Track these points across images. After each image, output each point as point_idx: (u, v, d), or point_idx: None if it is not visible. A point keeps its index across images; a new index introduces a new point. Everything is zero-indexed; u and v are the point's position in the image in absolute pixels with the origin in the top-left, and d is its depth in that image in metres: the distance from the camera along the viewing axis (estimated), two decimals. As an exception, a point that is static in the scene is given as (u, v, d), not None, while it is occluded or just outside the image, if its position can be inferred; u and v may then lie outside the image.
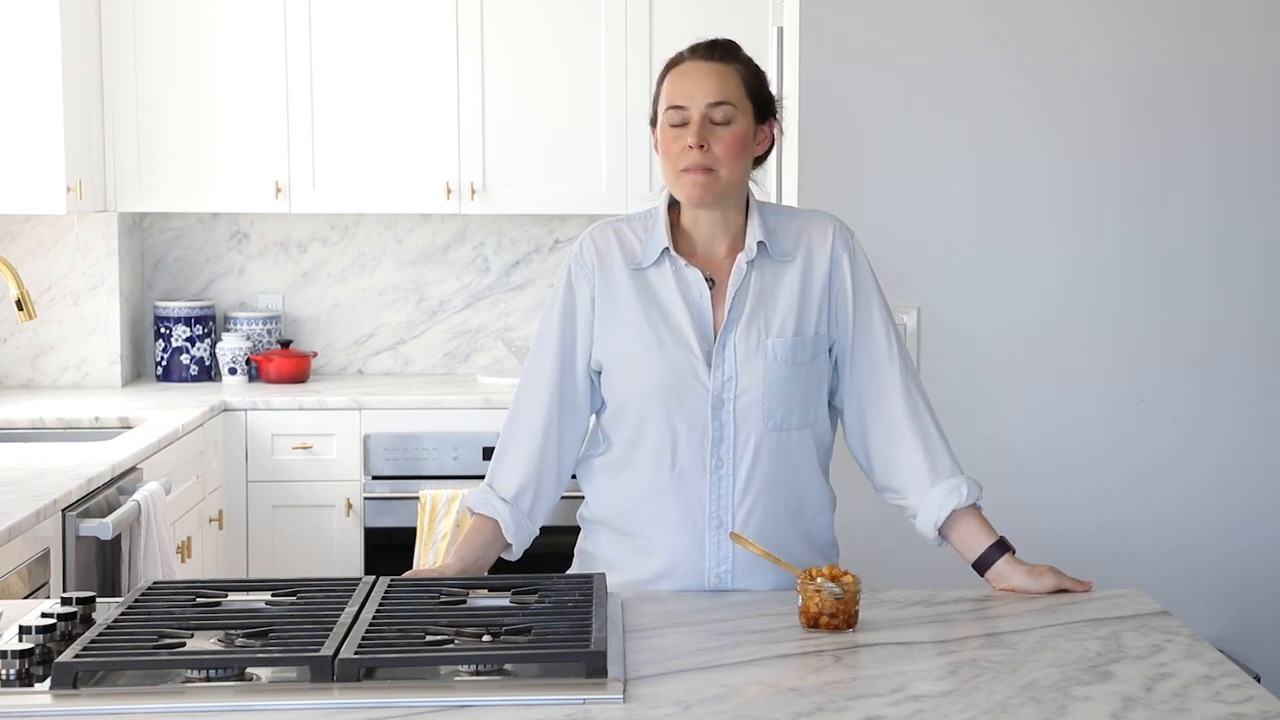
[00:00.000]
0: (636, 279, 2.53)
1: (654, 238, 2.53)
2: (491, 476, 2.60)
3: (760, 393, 2.49)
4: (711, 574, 2.52)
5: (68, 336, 5.21)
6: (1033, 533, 3.69)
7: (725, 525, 2.51)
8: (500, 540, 2.59)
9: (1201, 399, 3.79)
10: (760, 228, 2.52)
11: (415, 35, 5.09)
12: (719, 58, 2.49)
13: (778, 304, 2.51)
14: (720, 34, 2.60)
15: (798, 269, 2.53)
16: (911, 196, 3.74)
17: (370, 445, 4.88)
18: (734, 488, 2.50)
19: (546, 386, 2.57)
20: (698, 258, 2.54)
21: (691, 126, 2.44)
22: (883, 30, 3.71)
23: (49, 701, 1.91)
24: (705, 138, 2.44)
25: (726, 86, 2.46)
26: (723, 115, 2.45)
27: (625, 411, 2.54)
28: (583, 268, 2.56)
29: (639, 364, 2.50)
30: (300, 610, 2.20)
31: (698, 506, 2.51)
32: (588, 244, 2.57)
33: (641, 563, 2.54)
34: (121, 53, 5.04)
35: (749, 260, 2.51)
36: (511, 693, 1.93)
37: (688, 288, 2.51)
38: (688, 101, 2.45)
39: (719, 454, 2.50)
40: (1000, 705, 1.92)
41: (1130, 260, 3.77)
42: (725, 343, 2.49)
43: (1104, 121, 3.74)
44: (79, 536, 3.47)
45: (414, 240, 5.49)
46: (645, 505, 2.53)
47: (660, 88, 2.52)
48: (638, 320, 2.51)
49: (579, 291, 2.55)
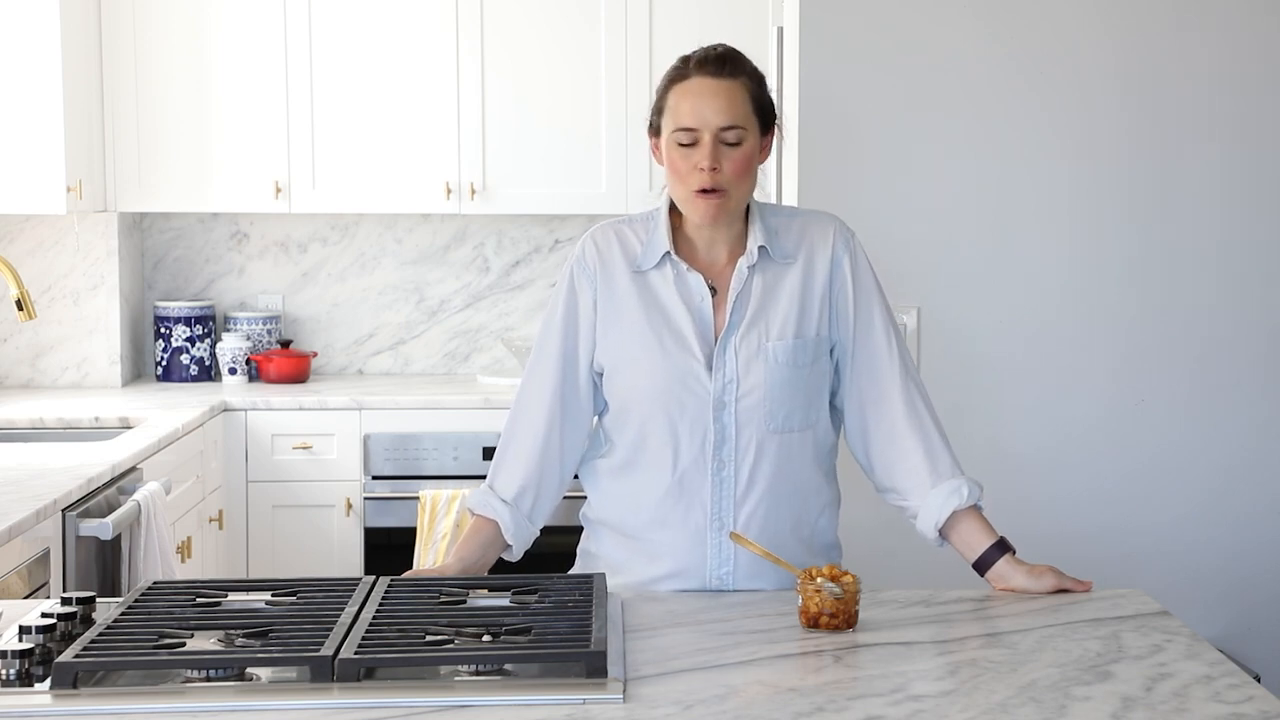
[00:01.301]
0: (638, 281, 2.53)
1: (655, 241, 2.53)
2: (492, 477, 2.60)
3: (762, 395, 2.49)
4: (713, 576, 2.52)
5: (68, 336, 5.21)
6: (1033, 533, 3.69)
7: (727, 527, 2.51)
8: (500, 541, 2.59)
9: (1201, 399, 3.79)
10: (761, 231, 2.52)
11: (415, 35, 5.08)
12: (728, 73, 2.46)
13: (779, 307, 2.51)
14: (720, 35, 2.59)
15: (799, 270, 2.53)
16: (911, 196, 3.74)
17: (370, 445, 4.88)
18: (736, 490, 2.50)
19: (548, 388, 2.56)
20: (699, 261, 2.54)
21: (704, 149, 2.43)
22: (883, 30, 3.71)
23: (49, 701, 1.91)
24: (717, 160, 2.43)
25: (736, 108, 2.44)
26: (734, 137, 2.44)
27: (627, 414, 2.54)
28: (585, 269, 2.56)
29: (640, 366, 2.50)
30: (300, 610, 2.20)
31: (700, 509, 2.51)
32: (589, 246, 2.56)
33: (644, 565, 2.54)
34: (121, 53, 5.04)
35: (750, 265, 2.51)
36: (511, 693, 1.94)
37: (689, 292, 2.51)
38: (699, 124, 2.43)
39: (721, 456, 2.50)
40: (1000, 705, 1.92)
41: (1130, 260, 3.77)
42: (726, 346, 2.49)
43: (1104, 121, 3.73)
44: (79, 536, 3.47)
45: (414, 240, 5.48)
46: (648, 508, 2.53)
47: (664, 100, 2.49)
48: (639, 323, 2.51)
49: (581, 294, 2.55)
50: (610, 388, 2.56)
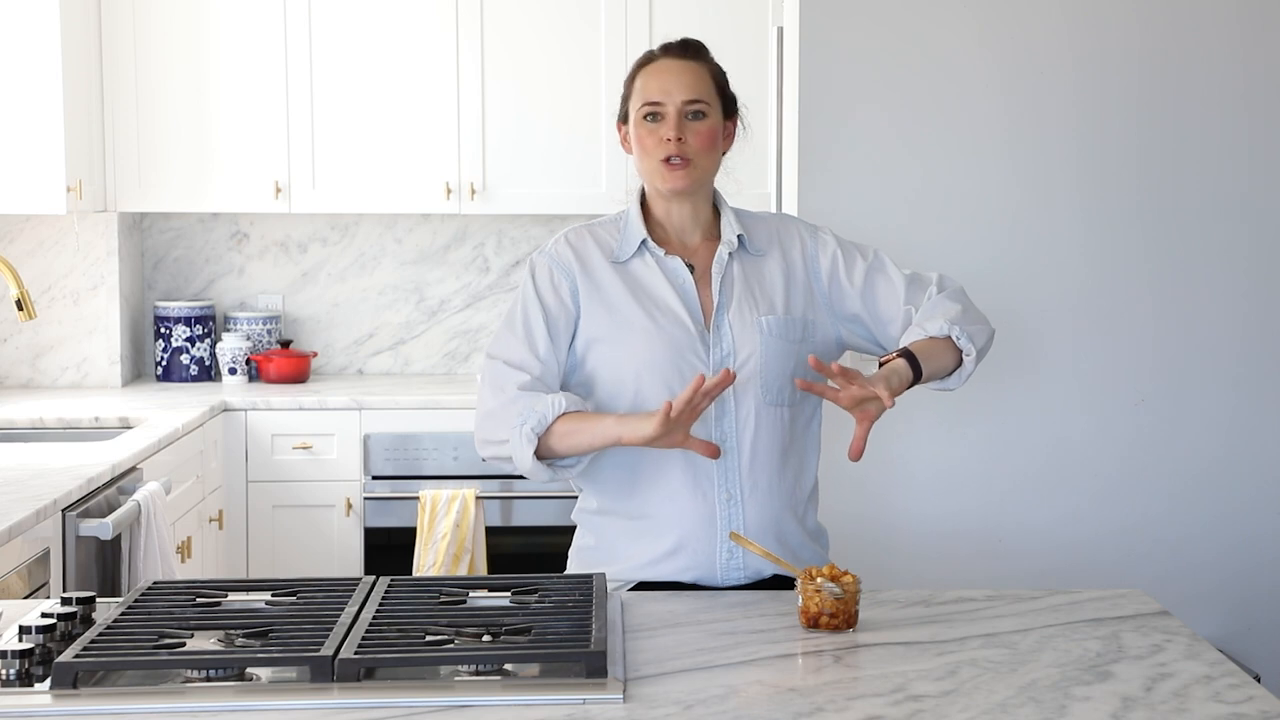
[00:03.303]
0: (620, 271, 2.59)
1: (630, 232, 2.61)
2: (524, 409, 2.49)
3: (758, 365, 2.54)
4: (723, 549, 2.52)
5: (68, 336, 5.21)
6: (1033, 532, 3.69)
7: (734, 498, 2.53)
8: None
9: (1202, 399, 3.79)
10: (736, 223, 2.63)
11: (415, 35, 5.08)
12: (692, 56, 2.60)
13: (764, 287, 2.59)
14: (720, 35, 2.66)
15: (777, 261, 2.63)
16: (911, 196, 3.74)
17: (370, 445, 4.88)
18: (739, 461, 2.53)
19: (529, 367, 2.53)
20: (673, 246, 2.62)
21: (669, 120, 2.55)
22: (883, 30, 3.71)
23: (49, 701, 1.91)
24: (682, 131, 2.54)
25: (700, 84, 2.57)
26: (698, 110, 2.56)
27: (625, 391, 2.53)
28: (559, 265, 2.59)
29: (635, 340, 2.53)
30: (300, 610, 2.20)
31: (706, 481, 2.53)
32: (562, 244, 2.62)
33: (650, 543, 2.54)
34: (121, 53, 5.04)
35: (730, 252, 2.60)
36: (511, 693, 1.94)
37: (671, 273, 2.59)
38: (664, 98, 2.55)
39: (723, 428, 2.54)
40: (1000, 705, 1.92)
41: (1130, 260, 3.77)
42: (720, 323, 2.55)
43: (1104, 122, 3.74)
44: (79, 536, 3.47)
45: (414, 240, 5.49)
46: (653, 484, 2.54)
47: (631, 86, 2.61)
48: (627, 304, 2.56)
49: (560, 289, 2.57)
50: (603, 362, 2.55)
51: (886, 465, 3.69)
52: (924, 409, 3.66)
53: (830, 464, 2.79)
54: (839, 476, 2.82)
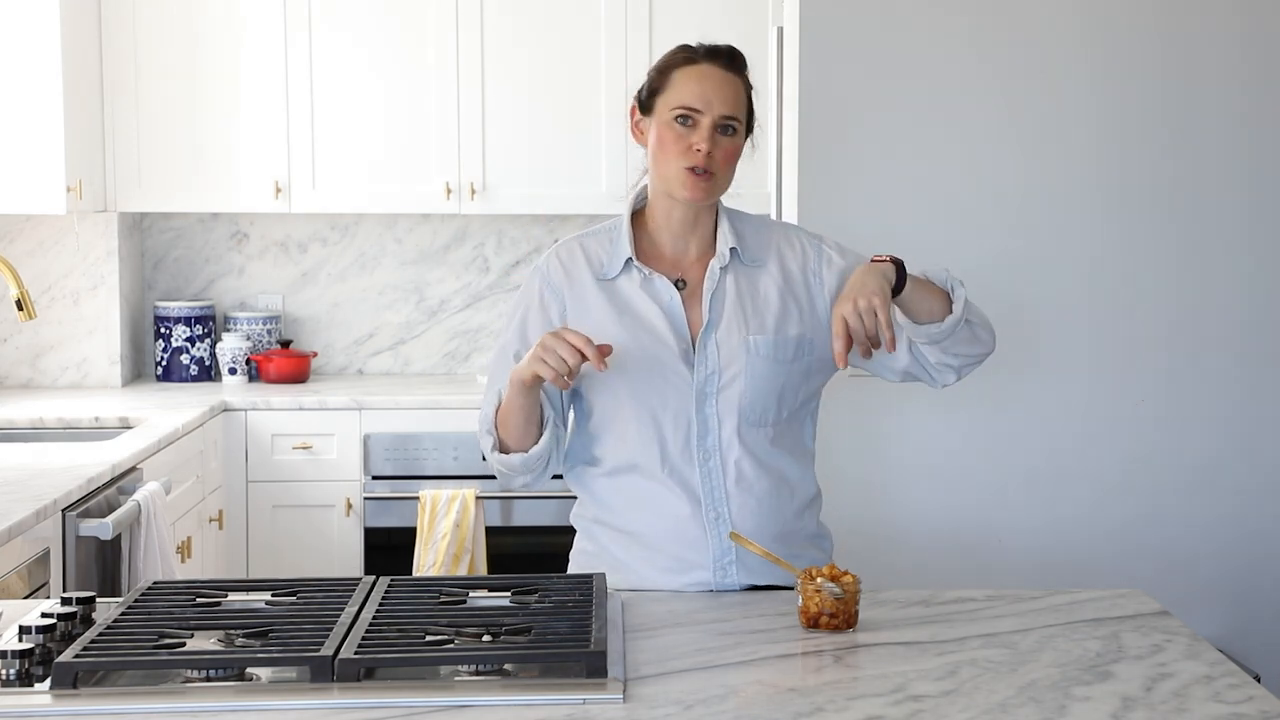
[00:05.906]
0: (606, 289, 2.57)
1: (618, 248, 2.58)
2: (483, 410, 2.53)
3: (743, 386, 2.51)
4: (717, 565, 2.52)
5: (68, 336, 5.21)
6: (1033, 532, 3.69)
7: (722, 517, 2.51)
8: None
9: (1202, 399, 3.80)
10: (731, 233, 2.58)
11: (415, 35, 5.08)
12: (735, 69, 2.56)
13: (758, 304, 2.55)
14: (720, 35, 2.63)
15: (774, 274, 2.58)
16: (911, 196, 3.75)
17: (370, 445, 4.88)
18: (725, 481, 2.51)
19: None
20: (665, 261, 2.58)
21: (702, 132, 2.50)
22: (883, 30, 3.71)
23: (49, 701, 1.91)
24: (714, 144, 2.51)
25: (738, 101, 2.54)
26: (729, 126, 2.52)
27: (610, 413, 2.54)
28: (549, 284, 2.59)
29: (618, 362, 2.51)
30: (300, 610, 2.20)
31: (694, 501, 2.51)
32: (554, 261, 2.61)
33: (646, 559, 2.54)
34: (121, 53, 5.04)
35: (721, 266, 2.56)
36: (511, 693, 1.94)
37: (657, 292, 2.55)
38: (704, 106, 2.51)
39: (705, 446, 2.51)
40: (1000, 705, 1.92)
41: (1131, 261, 3.77)
42: (707, 342, 2.52)
43: (1104, 123, 3.73)
44: (79, 536, 3.47)
45: (414, 240, 5.49)
46: (642, 504, 2.53)
47: (665, 79, 2.55)
48: (612, 324, 2.53)
49: (550, 309, 2.58)
50: (593, 388, 2.55)
51: (887, 465, 3.69)
52: (925, 409, 3.66)
53: (830, 464, 2.79)
54: (839, 477, 2.82)
